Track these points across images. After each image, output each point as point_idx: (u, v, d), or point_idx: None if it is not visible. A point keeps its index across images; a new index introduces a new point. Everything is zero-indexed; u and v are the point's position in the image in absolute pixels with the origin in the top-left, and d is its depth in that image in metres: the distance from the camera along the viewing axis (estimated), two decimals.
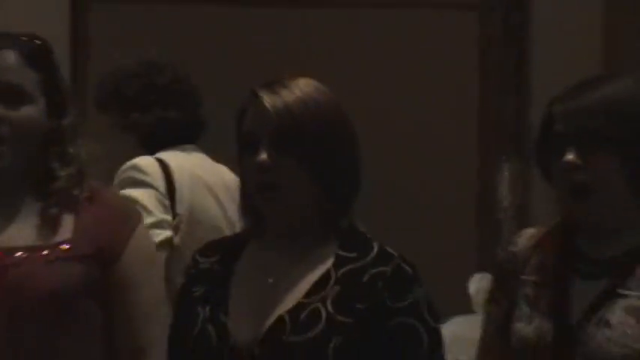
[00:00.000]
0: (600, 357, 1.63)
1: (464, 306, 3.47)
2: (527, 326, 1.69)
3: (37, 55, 1.67)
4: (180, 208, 2.39)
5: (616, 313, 1.62)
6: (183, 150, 2.50)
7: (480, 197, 3.99)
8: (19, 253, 1.60)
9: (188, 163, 2.47)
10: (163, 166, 2.41)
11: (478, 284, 3.45)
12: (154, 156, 2.43)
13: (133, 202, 2.16)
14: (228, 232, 2.30)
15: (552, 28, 3.97)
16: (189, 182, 2.43)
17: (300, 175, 1.51)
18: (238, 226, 1.90)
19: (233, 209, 2.23)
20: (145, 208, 2.25)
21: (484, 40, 4.22)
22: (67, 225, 1.64)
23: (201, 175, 2.50)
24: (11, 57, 1.64)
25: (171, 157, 2.44)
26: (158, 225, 2.29)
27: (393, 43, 4.42)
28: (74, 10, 3.88)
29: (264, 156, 1.50)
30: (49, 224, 1.62)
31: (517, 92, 4.11)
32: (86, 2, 4.03)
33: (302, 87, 1.55)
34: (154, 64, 2.57)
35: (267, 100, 1.51)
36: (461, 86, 4.31)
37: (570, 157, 1.62)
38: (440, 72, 4.52)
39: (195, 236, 2.29)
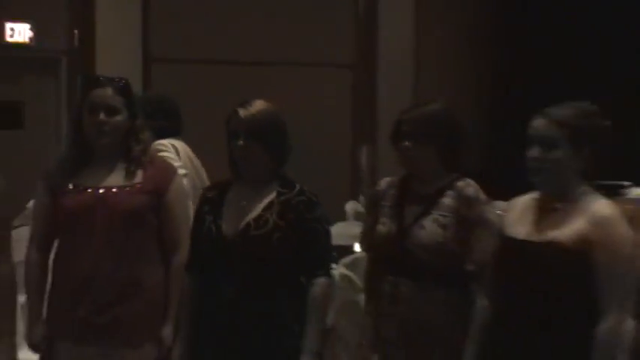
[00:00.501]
0: (418, 244, 3.09)
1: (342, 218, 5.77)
2: (383, 227, 3.18)
3: (123, 89, 3.18)
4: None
5: (428, 222, 3.10)
6: (177, 139, 4.24)
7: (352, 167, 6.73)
8: (114, 189, 3.09)
9: (180, 145, 4.22)
10: (172, 145, 4.17)
11: (350, 206, 6.12)
12: (166, 140, 4.19)
13: (168, 159, 3.74)
14: (197, 181, 4.12)
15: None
16: (183, 153, 4.19)
17: (260, 151, 2.93)
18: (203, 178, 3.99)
19: (197, 169, 4.26)
20: (173, 161, 3.85)
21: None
22: (139, 175, 3.14)
23: (187, 151, 4.27)
24: (109, 90, 3.15)
25: (173, 141, 4.21)
26: (180, 167, 3.89)
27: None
28: (145, 67, 5.86)
29: (241, 142, 2.92)
30: (129, 174, 3.13)
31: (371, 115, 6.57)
32: (150, 61, 6.19)
33: (259, 104, 2.96)
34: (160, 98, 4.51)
35: (241, 112, 2.93)
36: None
37: (406, 144, 3.06)
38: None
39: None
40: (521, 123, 3.07)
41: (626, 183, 4.96)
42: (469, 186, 3.23)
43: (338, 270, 4.18)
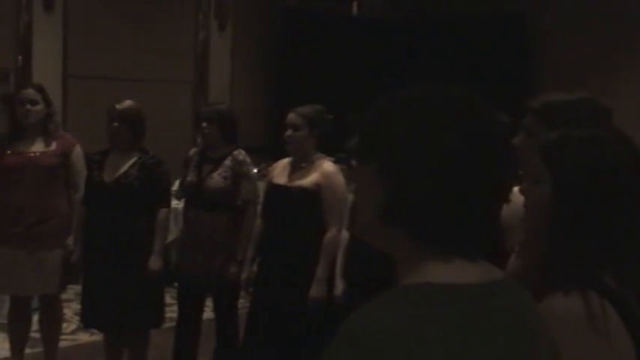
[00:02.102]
0: (209, 188, 4.47)
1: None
2: (190, 178, 4.62)
3: (39, 88, 4.66)
4: None
5: (215, 175, 4.53)
6: None
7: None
8: (38, 153, 4.62)
9: None
10: None
11: None
12: None
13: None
14: None
15: None
16: None
17: (126, 130, 4.62)
18: None
19: None
20: None
21: None
22: (53, 144, 4.66)
23: None
24: (31, 90, 4.62)
25: None
26: None
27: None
28: (63, 82, 7.71)
29: (115, 124, 4.47)
30: (47, 143, 4.65)
31: None
32: (67, 78, 7.85)
33: (128, 102, 4.63)
34: None
35: (117, 106, 4.53)
36: None
37: (203, 124, 4.70)
38: None
39: None
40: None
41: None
42: (240, 154, 4.59)
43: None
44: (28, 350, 5.04)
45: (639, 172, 1.66)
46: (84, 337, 5.75)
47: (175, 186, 5.50)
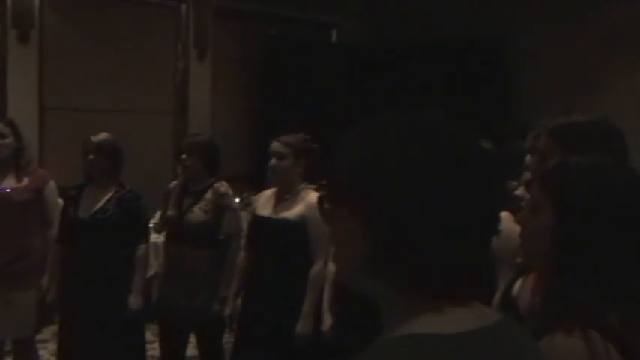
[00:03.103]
0: (189, 222, 4.38)
1: None
2: (170, 212, 4.52)
3: (9, 122, 4.54)
4: None
5: (196, 209, 4.43)
6: None
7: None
8: (8, 190, 4.43)
9: None
10: None
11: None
12: None
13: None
14: None
15: None
16: None
17: (104, 163, 4.45)
18: None
19: None
20: None
21: None
22: (25, 180, 4.47)
23: None
24: (1, 124, 4.47)
25: None
26: None
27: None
28: (40, 114, 7.50)
29: (91, 157, 4.39)
30: (19, 179, 4.48)
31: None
32: (44, 110, 7.63)
33: (104, 134, 4.51)
34: None
35: (92, 138, 4.46)
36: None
37: (183, 157, 4.51)
38: None
39: None
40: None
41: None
42: (222, 186, 4.48)
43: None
44: None
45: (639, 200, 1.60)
46: None
47: (156, 218, 5.36)
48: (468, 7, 8.98)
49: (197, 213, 4.47)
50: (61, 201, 4.73)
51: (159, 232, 5.79)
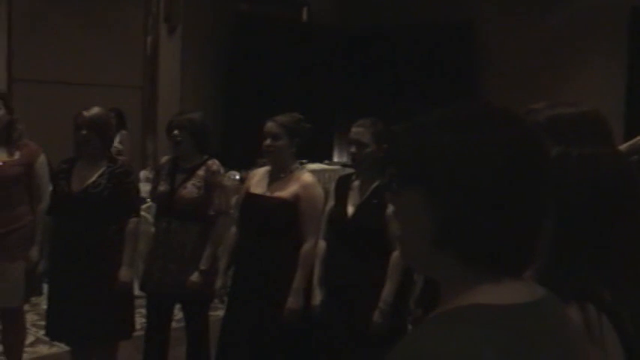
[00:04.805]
0: (182, 198, 4.43)
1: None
2: (162, 187, 4.54)
3: (1, 96, 4.64)
4: None
5: (188, 185, 4.43)
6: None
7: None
8: (1, 163, 4.47)
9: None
10: None
11: (142, 174, 7.39)
12: None
13: None
14: None
15: None
16: None
17: (95, 138, 4.49)
18: None
19: None
20: None
21: None
22: (17, 153, 4.50)
23: None
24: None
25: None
26: None
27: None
28: (9, 86, 7.31)
29: (84, 132, 4.37)
30: (10, 153, 4.48)
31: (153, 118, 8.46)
32: (12, 82, 7.50)
33: (96, 109, 4.51)
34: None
35: (85, 113, 4.47)
36: None
37: (175, 132, 4.51)
38: None
39: None
40: (249, 125, 4.62)
41: (304, 160, 6.75)
42: (214, 164, 4.53)
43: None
44: None
45: (633, 189, 1.70)
46: (43, 350, 5.59)
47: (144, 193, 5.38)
48: None
49: (189, 189, 4.51)
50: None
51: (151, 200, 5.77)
